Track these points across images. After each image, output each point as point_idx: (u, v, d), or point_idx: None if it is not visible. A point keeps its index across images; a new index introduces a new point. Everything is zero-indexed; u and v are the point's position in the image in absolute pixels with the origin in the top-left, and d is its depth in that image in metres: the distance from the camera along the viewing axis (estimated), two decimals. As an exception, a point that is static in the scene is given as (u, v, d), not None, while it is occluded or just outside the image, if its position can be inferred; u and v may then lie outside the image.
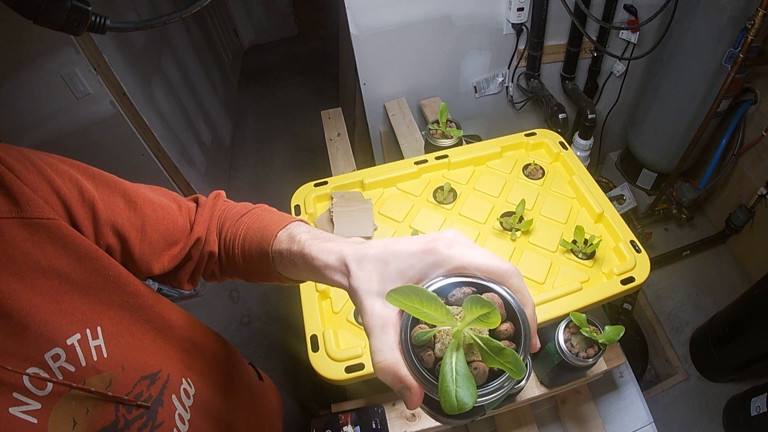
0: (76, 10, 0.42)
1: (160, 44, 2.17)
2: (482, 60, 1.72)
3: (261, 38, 3.89)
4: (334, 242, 0.44)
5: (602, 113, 2.03)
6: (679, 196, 2.09)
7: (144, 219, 0.52)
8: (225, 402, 0.62)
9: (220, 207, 0.61)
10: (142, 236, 0.52)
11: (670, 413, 1.78)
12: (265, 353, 1.96)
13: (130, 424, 0.45)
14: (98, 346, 0.44)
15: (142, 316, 0.50)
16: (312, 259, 0.44)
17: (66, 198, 0.44)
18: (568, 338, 0.74)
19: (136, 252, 0.51)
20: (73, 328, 0.42)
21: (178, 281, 0.60)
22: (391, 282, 0.36)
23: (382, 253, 0.38)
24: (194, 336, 0.59)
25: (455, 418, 0.31)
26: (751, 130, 1.83)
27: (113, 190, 0.50)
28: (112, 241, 0.49)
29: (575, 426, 0.92)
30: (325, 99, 3.18)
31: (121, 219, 0.49)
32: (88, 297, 0.44)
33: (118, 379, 0.45)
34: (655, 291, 2.10)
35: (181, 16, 0.48)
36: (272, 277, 0.55)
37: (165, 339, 0.53)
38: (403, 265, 0.36)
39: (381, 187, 1.01)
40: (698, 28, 1.53)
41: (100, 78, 1.49)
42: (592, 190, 0.93)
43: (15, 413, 0.37)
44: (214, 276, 0.62)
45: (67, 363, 0.40)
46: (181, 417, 0.51)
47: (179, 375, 0.53)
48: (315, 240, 0.46)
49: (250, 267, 0.56)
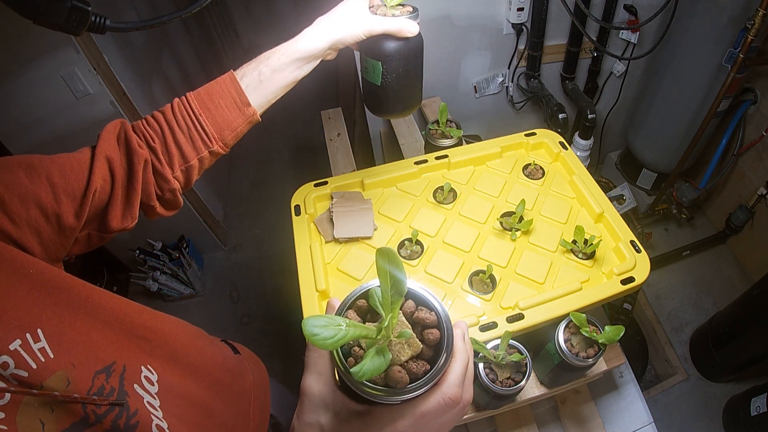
0: (76, 10, 0.42)
1: (160, 44, 2.17)
2: (482, 60, 1.72)
3: (261, 38, 3.88)
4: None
5: (602, 113, 2.03)
6: (679, 196, 2.09)
7: (48, 174, 0.50)
8: (197, 383, 0.60)
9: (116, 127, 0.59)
10: (53, 192, 0.49)
11: (670, 413, 1.78)
12: (265, 353, 1.96)
13: (102, 417, 0.44)
14: (42, 348, 0.42)
15: (81, 310, 0.48)
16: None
17: None
18: (568, 338, 0.74)
19: (56, 209, 0.50)
20: (12, 334, 0.40)
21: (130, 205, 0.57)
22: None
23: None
24: (148, 322, 0.56)
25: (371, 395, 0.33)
26: (751, 130, 1.83)
27: (10, 166, 0.48)
28: (35, 213, 0.48)
29: (575, 426, 0.92)
30: (325, 99, 3.17)
31: (24, 188, 0.48)
32: (18, 301, 0.42)
33: (73, 376, 0.44)
34: (655, 291, 2.11)
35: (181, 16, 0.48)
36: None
37: (113, 329, 0.50)
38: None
39: (381, 187, 1.01)
40: (698, 28, 1.53)
41: (100, 78, 1.49)
42: (592, 190, 0.94)
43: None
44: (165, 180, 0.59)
45: (17, 369, 0.40)
46: (151, 404, 0.50)
47: (137, 363, 0.52)
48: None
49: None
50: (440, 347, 0.34)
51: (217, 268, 2.38)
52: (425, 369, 0.33)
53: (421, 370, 0.33)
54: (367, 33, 0.62)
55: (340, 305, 0.36)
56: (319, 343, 0.29)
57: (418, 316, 0.35)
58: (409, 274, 0.85)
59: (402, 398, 0.32)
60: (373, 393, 0.31)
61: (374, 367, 0.30)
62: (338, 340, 0.29)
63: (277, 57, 0.61)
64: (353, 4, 0.63)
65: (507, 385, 0.72)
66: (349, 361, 0.34)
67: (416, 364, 0.33)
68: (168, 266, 2.07)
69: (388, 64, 0.66)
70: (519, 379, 0.72)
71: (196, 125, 0.60)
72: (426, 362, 0.33)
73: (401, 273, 0.31)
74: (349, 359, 0.34)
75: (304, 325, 0.30)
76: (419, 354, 0.34)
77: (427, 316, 0.35)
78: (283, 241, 1.78)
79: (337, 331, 0.29)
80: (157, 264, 2.06)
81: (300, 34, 0.62)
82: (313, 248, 0.86)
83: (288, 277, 1.68)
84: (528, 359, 0.73)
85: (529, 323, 0.74)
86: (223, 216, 2.54)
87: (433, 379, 0.32)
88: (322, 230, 0.92)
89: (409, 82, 0.70)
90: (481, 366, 0.73)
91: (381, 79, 0.67)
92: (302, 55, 0.62)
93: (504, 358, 0.71)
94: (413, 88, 0.73)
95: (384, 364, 0.31)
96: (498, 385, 0.71)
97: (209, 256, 2.41)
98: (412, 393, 0.31)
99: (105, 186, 0.54)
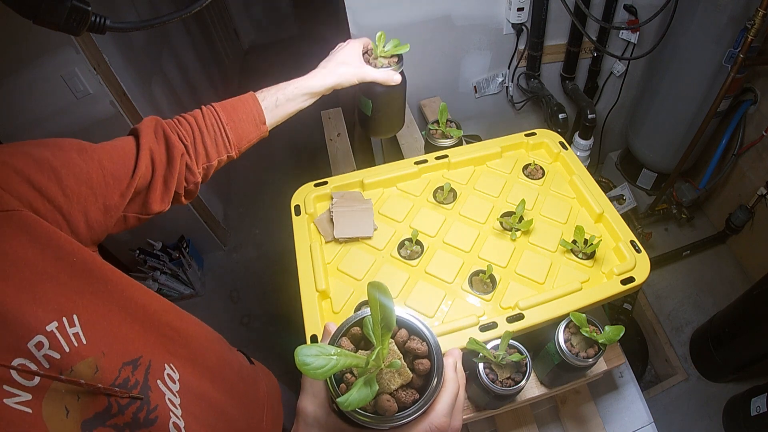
0: (76, 10, 0.42)
1: (160, 44, 2.17)
2: (482, 60, 1.72)
3: (261, 38, 3.88)
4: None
5: (602, 113, 2.03)
6: (679, 196, 2.09)
7: (96, 155, 0.55)
8: (214, 387, 0.62)
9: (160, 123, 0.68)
10: (100, 172, 0.54)
11: (670, 413, 1.78)
12: (265, 353, 1.96)
13: (124, 408, 0.46)
14: (76, 333, 0.44)
15: (116, 303, 0.50)
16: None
17: (37, 183, 0.46)
18: (568, 338, 0.74)
19: (104, 189, 0.54)
20: (50, 316, 0.42)
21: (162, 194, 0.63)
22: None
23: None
24: (174, 322, 0.59)
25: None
26: (751, 130, 1.83)
27: (63, 148, 0.52)
28: (85, 191, 0.52)
29: (575, 426, 0.92)
30: (325, 99, 3.17)
31: (78, 167, 0.52)
32: (59, 286, 0.45)
33: (102, 365, 0.45)
34: (655, 291, 2.11)
35: (181, 16, 0.48)
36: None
37: (142, 325, 0.53)
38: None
39: (381, 187, 1.01)
40: (698, 28, 1.53)
41: (100, 78, 1.49)
42: (592, 190, 0.93)
43: (10, 404, 0.37)
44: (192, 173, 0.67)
45: (51, 350, 0.41)
46: (171, 402, 0.52)
47: (161, 361, 0.54)
48: None
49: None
50: (430, 377, 0.34)
51: (217, 268, 2.38)
52: (414, 398, 0.34)
53: (410, 399, 0.34)
54: (360, 80, 0.80)
55: (335, 332, 0.37)
56: (311, 373, 0.30)
57: (409, 346, 0.36)
58: (409, 275, 0.85)
59: (390, 425, 0.33)
60: (362, 419, 0.32)
61: (360, 398, 0.31)
62: (328, 370, 0.30)
63: (291, 89, 0.76)
64: (350, 54, 0.80)
65: (507, 385, 0.72)
66: (340, 387, 0.35)
67: (405, 393, 0.34)
68: (168, 266, 2.07)
69: (375, 101, 0.87)
70: (519, 379, 0.72)
71: (221, 132, 0.70)
72: (416, 391, 0.34)
73: (390, 307, 0.32)
74: (341, 385, 0.35)
75: (297, 354, 0.30)
76: (409, 383, 0.35)
77: (419, 347, 0.36)
78: (283, 241, 1.78)
79: (328, 360, 0.30)
80: (157, 264, 2.06)
81: (310, 74, 0.78)
82: (313, 248, 0.86)
83: (288, 277, 1.68)
84: (528, 359, 0.73)
85: (529, 323, 0.74)
86: (223, 216, 2.54)
87: (420, 409, 0.33)
88: (322, 230, 0.92)
89: (392, 114, 0.92)
90: (481, 366, 0.73)
91: (371, 111, 0.89)
92: (310, 91, 0.77)
93: (504, 358, 0.71)
94: (396, 118, 0.95)
95: (370, 395, 0.31)
96: (498, 385, 0.71)
97: (209, 256, 2.41)
98: (399, 421, 0.32)
99: (146, 173, 0.60)
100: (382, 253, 0.89)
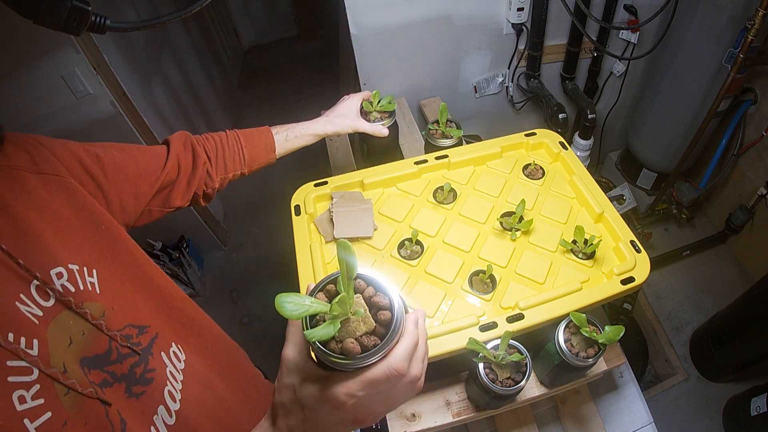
0: (76, 10, 0.42)
1: (160, 44, 2.17)
2: (482, 60, 1.72)
3: (261, 38, 3.88)
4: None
5: (602, 113, 2.03)
6: (679, 196, 2.09)
7: (132, 153, 0.68)
8: (225, 385, 0.66)
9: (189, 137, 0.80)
10: (135, 165, 0.66)
11: (670, 413, 1.78)
12: (266, 353, 1.96)
13: (123, 358, 0.51)
14: (92, 282, 0.51)
15: (134, 275, 0.57)
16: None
17: (85, 163, 0.58)
18: (568, 338, 0.74)
19: (137, 180, 0.66)
20: (73, 259, 0.50)
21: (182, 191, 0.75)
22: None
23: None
24: (188, 310, 0.65)
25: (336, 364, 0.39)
26: (751, 130, 1.83)
27: (106, 147, 0.64)
28: (122, 177, 0.63)
29: (575, 426, 0.92)
30: (325, 99, 3.17)
31: (118, 159, 0.63)
32: (85, 243, 0.52)
33: (109, 315, 0.51)
34: (655, 291, 2.11)
35: (181, 16, 0.48)
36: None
37: (155, 302, 0.59)
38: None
39: (381, 187, 1.01)
40: (698, 28, 1.53)
41: (100, 78, 1.48)
42: (592, 190, 0.93)
43: (21, 309, 0.43)
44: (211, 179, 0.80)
45: (68, 282, 0.47)
46: (173, 375, 0.56)
47: (168, 338, 0.58)
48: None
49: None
50: (390, 327, 0.39)
51: (217, 268, 2.38)
52: (375, 343, 0.39)
53: (371, 343, 0.39)
54: (354, 130, 0.97)
55: (313, 287, 0.43)
56: (286, 314, 0.36)
57: (374, 300, 0.41)
58: (409, 275, 0.85)
59: (354, 366, 0.38)
60: (330, 359, 0.38)
61: (323, 333, 0.37)
62: (302, 313, 0.37)
63: (299, 129, 0.92)
64: (348, 108, 0.98)
65: (507, 385, 0.72)
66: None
67: (368, 339, 0.39)
68: (168, 266, 2.07)
69: (369, 145, 1.11)
70: (519, 379, 0.72)
71: (239, 152, 0.85)
72: (378, 338, 0.39)
73: (352, 261, 0.38)
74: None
75: (277, 299, 0.36)
76: (373, 331, 0.40)
77: (381, 300, 0.41)
78: (283, 241, 1.78)
79: (301, 306, 0.37)
80: (157, 264, 2.06)
81: (315, 119, 0.95)
82: (313, 248, 0.86)
83: (288, 277, 1.68)
84: (528, 359, 0.73)
85: (529, 323, 0.74)
86: (223, 216, 2.54)
87: (380, 351, 0.38)
88: (322, 230, 0.92)
89: (385, 152, 1.12)
90: (481, 366, 0.73)
91: (367, 151, 1.13)
92: (313, 133, 0.93)
93: (504, 358, 0.71)
94: (388, 155, 1.13)
95: (332, 331, 0.37)
96: (498, 385, 0.71)
97: (209, 256, 2.41)
98: (362, 362, 0.38)
99: (172, 172, 0.73)
100: (382, 253, 0.89)
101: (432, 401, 0.86)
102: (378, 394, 0.39)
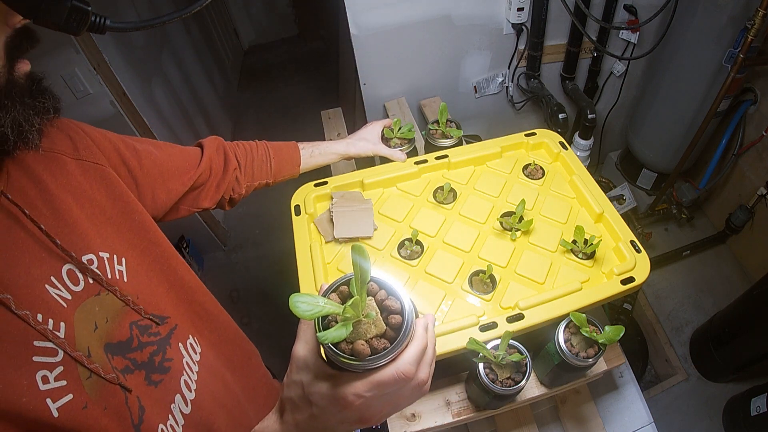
0: (76, 10, 0.42)
1: (160, 44, 2.17)
2: (482, 60, 1.72)
3: (261, 38, 3.88)
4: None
5: (602, 113, 2.03)
6: (679, 196, 2.09)
7: (168, 151, 0.70)
8: (235, 380, 0.67)
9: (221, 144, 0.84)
10: (170, 162, 0.69)
11: (670, 413, 1.78)
12: (266, 353, 1.96)
13: (143, 346, 0.52)
14: (121, 271, 0.52)
15: (159, 266, 0.59)
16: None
17: (123, 154, 0.60)
18: (568, 338, 0.74)
19: (170, 177, 0.68)
20: (105, 247, 0.51)
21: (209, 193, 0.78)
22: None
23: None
24: (207, 304, 0.67)
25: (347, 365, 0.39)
26: (751, 130, 1.83)
27: (143, 142, 0.67)
28: (156, 173, 0.65)
29: (575, 426, 0.92)
30: (325, 99, 3.18)
31: (154, 155, 0.66)
32: (118, 232, 0.54)
33: (134, 303, 0.52)
34: (655, 291, 2.10)
35: (181, 16, 0.48)
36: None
37: (177, 295, 0.61)
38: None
39: (381, 187, 1.01)
40: (698, 28, 1.53)
41: (100, 78, 1.48)
42: (592, 190, 0.93)
43: (50, 291, 0.43)
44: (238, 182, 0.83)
45: (98, 269, 0.49)
46: (189, 365, 0.58)
47: (186, 330, 0.60)
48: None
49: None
50: (401, 331, 0.40)
51: (217, 268, 2.37)
52: (385, 346, 0.39)
53: (381, 346, 0.39)
54: (374, 154, 1.01)
55: (327, 288, 0.43)
56: (300, 314, 0.36)
57: (386, 304, 0.42)
58: (409, 275, 0.85)
59: (364, 367, 0.39)
60: (341, 360, 0.38)
61: (335, 335, 0.37)
62: (315, 313, 0.37)
63: (323, 147, 0.96)
64: (371, 133, 1.03)
65: (507, 385, 0.72)
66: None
67: (378, 341, 0.40)
68: (168, 266, 2.06)
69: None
70: (519, 379, 0.72)
71: (268, 163, 0.88)
72: (388, 341, 0.40)
73: (366, 265, 0.39)
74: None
75: (291, 299, 0.37)
76: (383, 334, 0.41)
77: (392, 304, 0.42)
78: (283, 241, 1.78)
79: (315, 306, 0.37)
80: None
81: (340, 140, 1.00)
82: (313, 248, 0.86)
83: (288, 277, 1.68)
84: (528, 359, 0.73)
85: (529, 323, 0.74)
86: (223, 216, 2.54)
87: (389, 354, 0.39)
88: (322, 230, 0.92)
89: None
90: (481, 366, 0.73)
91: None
92: (337, 152, 0.97)
93: (504, 358, 0.71)
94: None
95: (345, 334, 0.37)
96: (498, 385, 0.71)
97: (209, 256, 2.41)
98: (371, 364, 0.38)
99: (204, 174, 0.76)
100: (382, 253, 0.89)
101: (432, 401, 0.86)
102: (385, 395, 0.40)
